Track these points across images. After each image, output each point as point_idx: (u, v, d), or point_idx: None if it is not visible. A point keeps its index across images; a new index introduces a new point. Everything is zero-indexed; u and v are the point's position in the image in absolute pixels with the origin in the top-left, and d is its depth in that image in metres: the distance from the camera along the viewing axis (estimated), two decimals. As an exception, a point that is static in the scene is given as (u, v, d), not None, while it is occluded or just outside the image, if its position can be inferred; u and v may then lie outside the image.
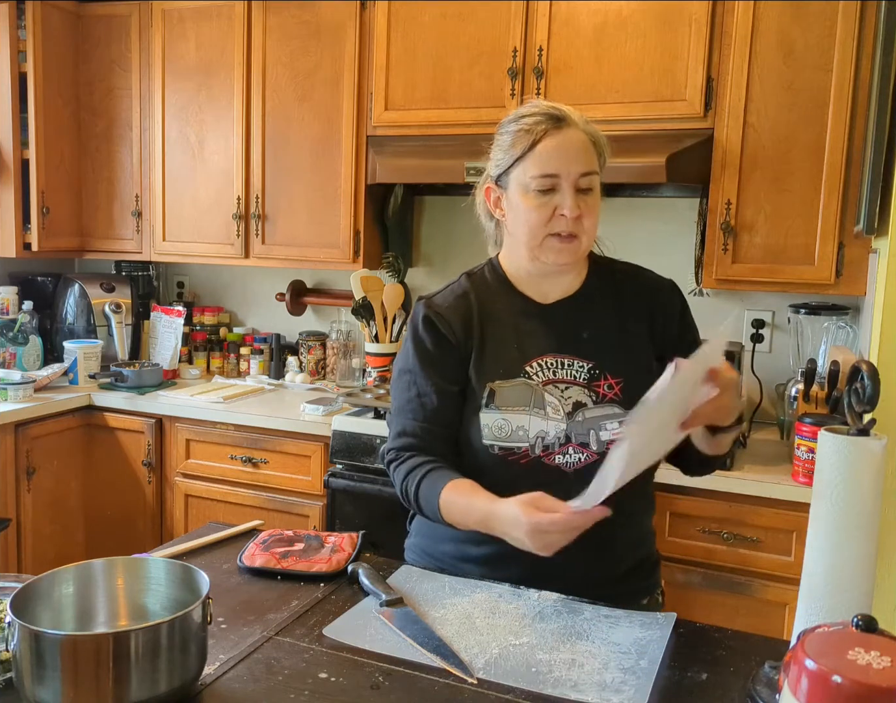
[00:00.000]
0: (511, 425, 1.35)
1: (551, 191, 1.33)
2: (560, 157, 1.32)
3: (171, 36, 3.09)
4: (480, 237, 1.56)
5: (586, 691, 1.01)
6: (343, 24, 2.82)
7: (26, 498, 2.78)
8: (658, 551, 1.52)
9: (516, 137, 1.35)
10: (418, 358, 1.42)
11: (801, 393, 2.28)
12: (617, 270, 1.48)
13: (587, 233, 1.35)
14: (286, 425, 2.68)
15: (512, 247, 1.44)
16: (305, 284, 3.37)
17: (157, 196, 3.18)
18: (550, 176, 1.32)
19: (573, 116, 1.35)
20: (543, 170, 1.32)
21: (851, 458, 0.95)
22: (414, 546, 1.53)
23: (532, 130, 1.34)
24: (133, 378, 2.99)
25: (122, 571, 1.08)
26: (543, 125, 1.34)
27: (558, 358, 1.39)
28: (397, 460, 1.42)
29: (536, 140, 1.33)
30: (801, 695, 0.72)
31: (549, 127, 1.33)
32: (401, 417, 1.43)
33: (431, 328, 1.42)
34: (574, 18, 2.51)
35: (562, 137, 1.33)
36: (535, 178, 1.33)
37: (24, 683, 0.90)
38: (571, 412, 1.36)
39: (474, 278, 1.48)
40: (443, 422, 1.40)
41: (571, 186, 1.32)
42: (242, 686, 1.01)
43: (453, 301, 1.45)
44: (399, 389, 1.44)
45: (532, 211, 1.34)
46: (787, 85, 2.31)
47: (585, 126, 1.36)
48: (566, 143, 1.33)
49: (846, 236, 2.30)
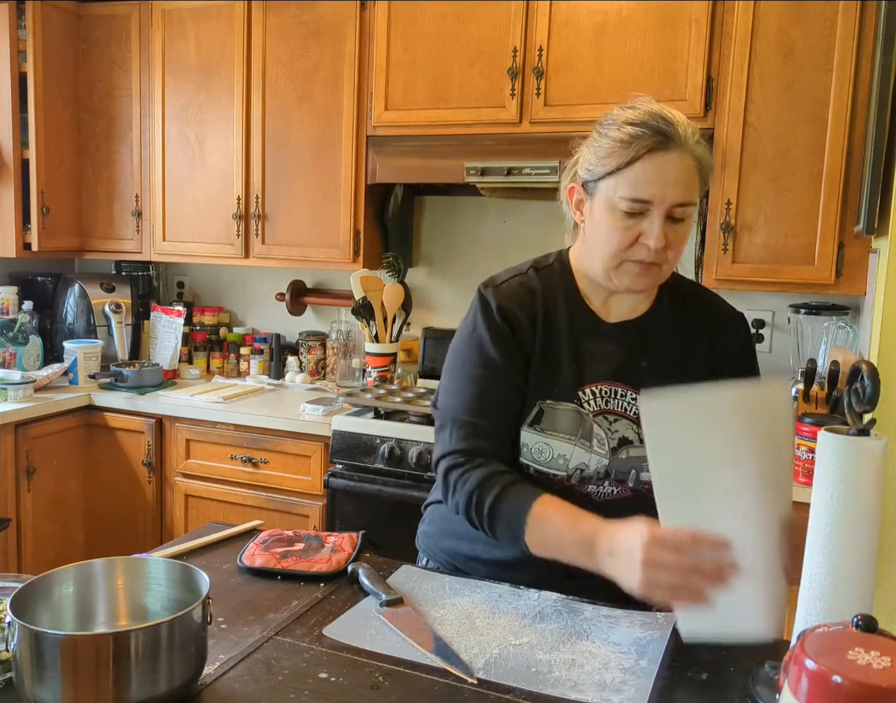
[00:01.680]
0: (553, 452, 1.29)
1: (640, 215, 1.21)
2: (658, 183, 1.19)
3: (171, 36, 3.09)
4: (480, 237, 1.55)
5: (586, 691, 1.01)
6: (343, 24, 2.82)
7: (26, 498, 2.78)
8: None
9: (614, 147, 1.21)
10: (499, 350, 1.28)
11: (801, 393, 2.28)
12: (687, 293, 1.38)
13: (670, 262, 1.25)
14: (286, 425, 2.68)
15: (587, 255, 1.31)
16: (305, 284, 3.37)
17: (157, 196, 3.18)
18: (642, 201, 1.20)
19: (683, 133, 1.20)
20: (636, 194, 1.20)
21: (851, 458, 0.95)
22: (426, 535, 1.49)
23: (633, 144, 1.19)
24: (133, 378, 2.99)
25: (122, 571, 1.08)
26: (647, 141, 1.19)
27: (613, 386, 1.31)
28: (467, 466, 1.25)
29: (636, 157, 1.19)
30: (801, 695, 0.72)
31: (653, 144, 1.19)
32: (469, 414, 1.28)
33: (511, 320, 1.29)
34: (574, 18, 2.51)
35: (664, 160, 1.19)
36: (624, 199, 1.20)
37: (24, 683, 0.89)
38: (616, 448, 1.30)
39: (543, 275, 1.35)
40: (514, 424, 1.29)
41: (663, 215, 1.20)
42: (242, 686, 1.00)
43: (523, 297, 1.32)
44: (466, 380, 1.30)
45: (615, 232, 1.23)
46: (787, 85, 2.31)
47: (695, 147, 1.20)
48: (668, 167, 1.19)
49: (846, 236, 2.30)
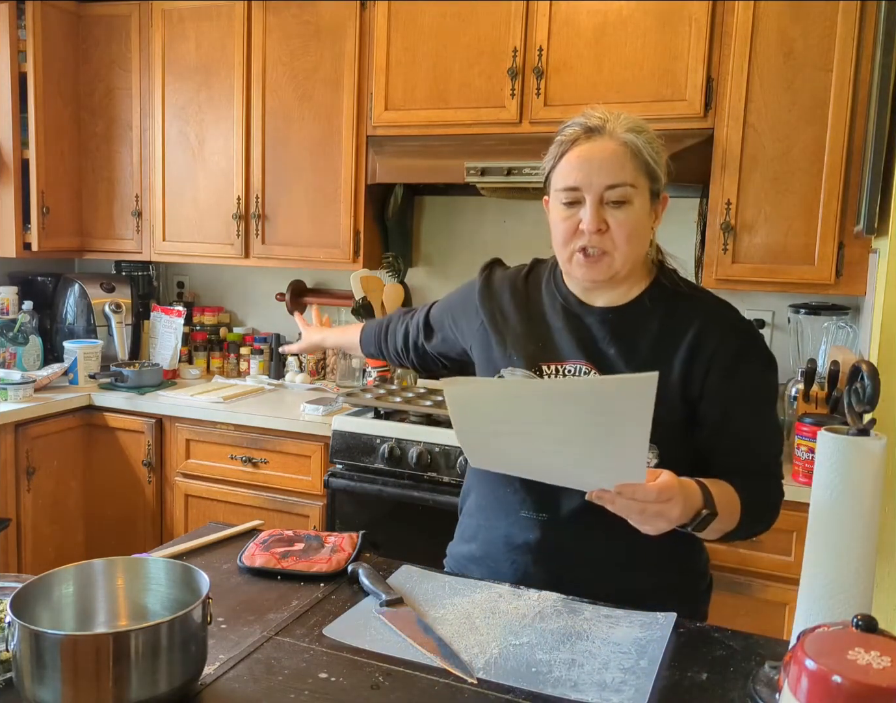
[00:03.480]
0: None
1: (577, 204, 1.27)
2: (582, 169, 1.26)
3: (171, 36, 3.09)
4: (480, 237, 1.56)
5: (586, 691, 1.01)
6: (343, 24, 2.82)
7: (26, 498, 2.78)
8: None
9: (553, 148, 1.32)
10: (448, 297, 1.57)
11: (801, 393, 2.28)
12: (679, 292, 1.35)
13: (620, 249, 1.27)
14: (286, 425, 2.68)
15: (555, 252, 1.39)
16: (305, 284, 3.37)
17: (157, 196, 3.18)
18: (573, 189, 1.27)
19: (610, 124, 1.27)
20: (566, 182, 1.27)
21: (851, 458, 0.95)
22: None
23: (564, 141, 1.29)
24: (133, 378, 2.99)
25: (122, 571, 1.08)
26: (574, 135, 1.28)
27: (578, 364, 1.33)
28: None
29: (565, 150, 1.29)
30: (801, 695, 0.72)
31: (577, 136, 1.28)
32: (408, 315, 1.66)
33: (489, 282, 1.48)
34: (574, 18, 2.51)
35: (587, 147, 1.26)
36: (559, 190, 1.29)
37: (24, 683, 0.90)
38: None
39: (538, 263, 1.48)
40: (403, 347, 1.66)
41: (594, 199, 1.25)
42: (242, 686, 1.01)
43: (512, 274, 1.47)
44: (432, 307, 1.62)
45: (559, 223, 1.30)
46: (787, 85, 2.31)
47: (624, 134, 1.26)
48: (591, 153, 1.26)
49: (846, 236, 2.30)
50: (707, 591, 1.44)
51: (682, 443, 1.30)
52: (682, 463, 1.21)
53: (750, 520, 1.26)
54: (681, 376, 1.28)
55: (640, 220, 1.28)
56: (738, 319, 1.33)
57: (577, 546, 1.32)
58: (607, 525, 1.16)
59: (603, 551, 1.31)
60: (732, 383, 1.28)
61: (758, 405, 1.31)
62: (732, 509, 1.23)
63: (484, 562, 1.41)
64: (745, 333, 1.32)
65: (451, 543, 1.53)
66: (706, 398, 1.28)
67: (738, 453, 1.29)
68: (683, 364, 1.28)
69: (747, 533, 1.30)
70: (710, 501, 1.17)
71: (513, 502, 1.36)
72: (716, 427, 1.29)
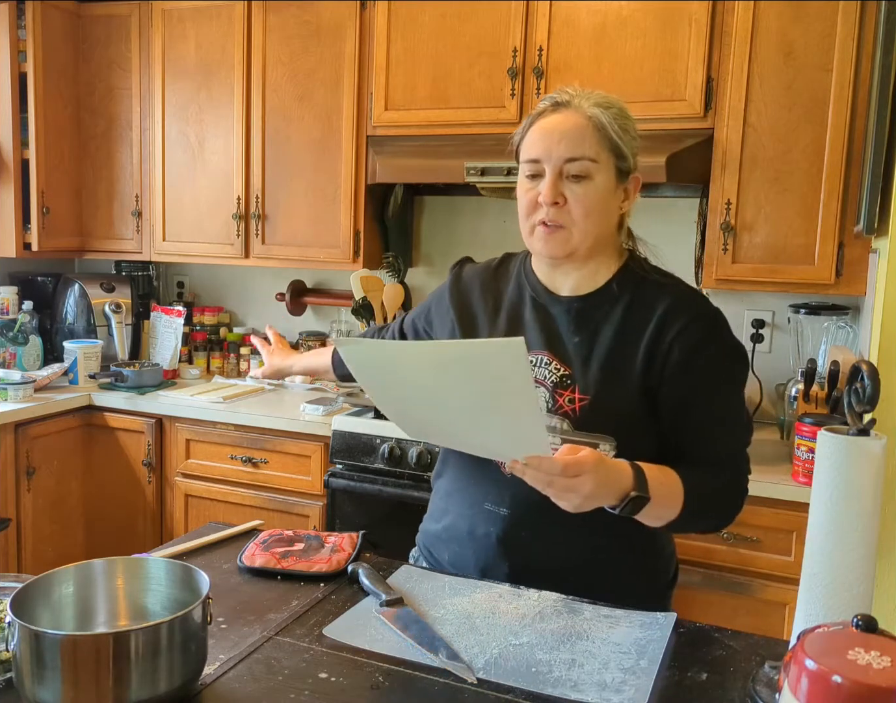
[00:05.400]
0: None
1: (539, 177, 1.28)
2: (543, 141, 1.26)
3: (171, 36, 3.09)
4: (480, 237, 1.56)
5: (586, 691, 1.01)
6: (343, 24, 2.82)
7: (26, 498, 2.78)
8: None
9: (526, 120, 1.33)
10: (422, 303, 1.56)
11: (801, 393, 2.28)
12: (647, 279, 1.32)
13: (577, 224, 1.26)
14: (286, 425, 2.68)
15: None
16: (305, 284, 3.37)
17: (157, 196, 3.18)
18: (534, 161, 1.27)
19: (576, 100, 1.27)
20: (528, 154, 1.29)
21: (851, 458, 0.95)
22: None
23: (533, 114, 1.31)
24: (133, 378, 2.99)
25: (122, 571, 1.08)
26: (542, 109, 1.29)
27: (541, 355, 1.32)
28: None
29: (529, 125, 1.30)
30: (801, 695, 0.72)
31: (542, 110, 1.29)
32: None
33: (459, 278, 1.48)
34: (574, 18, 2.51)
35: (550, 120, 1.27)
36: (522, 162, 1.30)
37: (24, 683, 0.90)
38: None
39: (508, 256, 1.48)
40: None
41: (554, 171, 1.25)
42: (242, 686, 1.00)
43: (480, 268, 1.48)
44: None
45: (522, 197, 1.31)
46: (787, 85, 2.31)
47: (589, 108, 1.25)
48: (552, 126, 1.26)
49: (846, 236, 2.30)
50: (670, 586, 1.42)
51: (643, 436, 1.27)
52: (643, 457, 1.20)
53: (694, 512, 1.22)
54: (643, 362, 1.26)
55: (602, 196, 1.27)
56: (705, 306, 1.30)
57: (539, 541, 1.31)
58: (569, 521, 1.16)
59: (564, 547, 1.30)
60: (692, 370, 1.25)
61: (719, 395, 1.27)
62: (673, 496, 1.20)
63: (449, 545, 1.41)
64: (711, 321, 1.29)
65: (425, 517, 1.52)
66: (666, 384, 1.25)
67: (694, 445, 1.27)
68: (647, 350, 1.26)
69: (696, 526, 1.28)
70: (643, 484, 1.14)
71: (475, 494, 1.36)
72: (674, 416, 1.26)
